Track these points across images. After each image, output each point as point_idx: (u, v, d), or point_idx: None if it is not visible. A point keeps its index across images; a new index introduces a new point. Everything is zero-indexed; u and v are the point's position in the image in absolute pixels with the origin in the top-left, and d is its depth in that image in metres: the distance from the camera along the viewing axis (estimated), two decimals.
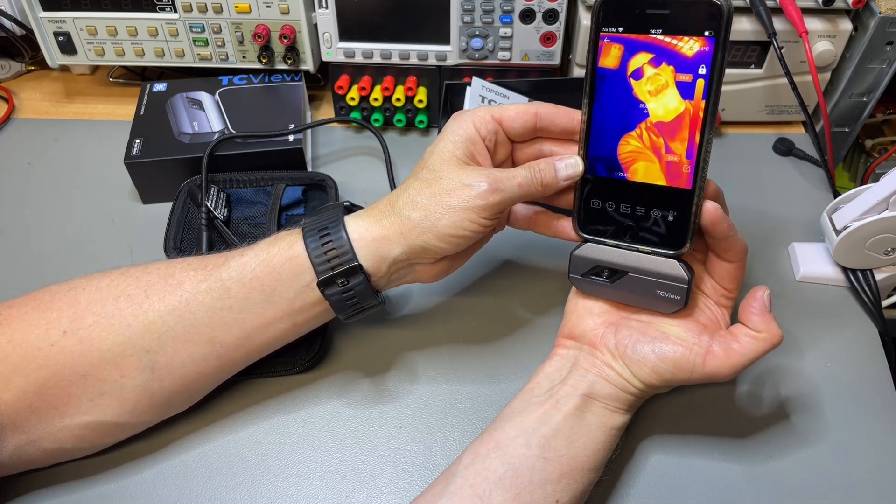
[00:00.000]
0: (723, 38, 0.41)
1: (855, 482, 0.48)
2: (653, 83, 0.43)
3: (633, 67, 0.43)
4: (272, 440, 0.51)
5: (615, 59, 0.44)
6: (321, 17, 0.68)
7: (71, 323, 0.45)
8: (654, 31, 0.42)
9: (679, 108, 0.43)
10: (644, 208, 0.45)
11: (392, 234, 0.45)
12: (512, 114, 0.47)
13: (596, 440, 0.44)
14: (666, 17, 0.42)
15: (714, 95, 0.42)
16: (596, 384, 0.45)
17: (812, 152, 0.71)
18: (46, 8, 0.69)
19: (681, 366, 0.45)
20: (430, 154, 0.47)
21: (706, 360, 0.44)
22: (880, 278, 0.58)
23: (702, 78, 0.42)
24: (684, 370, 0.45)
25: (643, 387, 0.46)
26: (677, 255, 0.45)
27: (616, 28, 0.43)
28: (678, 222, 0.45)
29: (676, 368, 0.45)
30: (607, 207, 0.46)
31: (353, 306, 0.47)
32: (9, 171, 0.71)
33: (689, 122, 0.43)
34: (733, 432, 0.51)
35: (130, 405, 0.46)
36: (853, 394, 0.53)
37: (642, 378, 0.45)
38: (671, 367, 0.45)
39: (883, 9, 0.64)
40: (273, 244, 0.46)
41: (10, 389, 0.43)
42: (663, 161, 0.44)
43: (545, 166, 0.46)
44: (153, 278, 0.46)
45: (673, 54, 0.42)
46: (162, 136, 0.66)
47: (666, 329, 0.46)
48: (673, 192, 0.44)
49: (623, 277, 0.47)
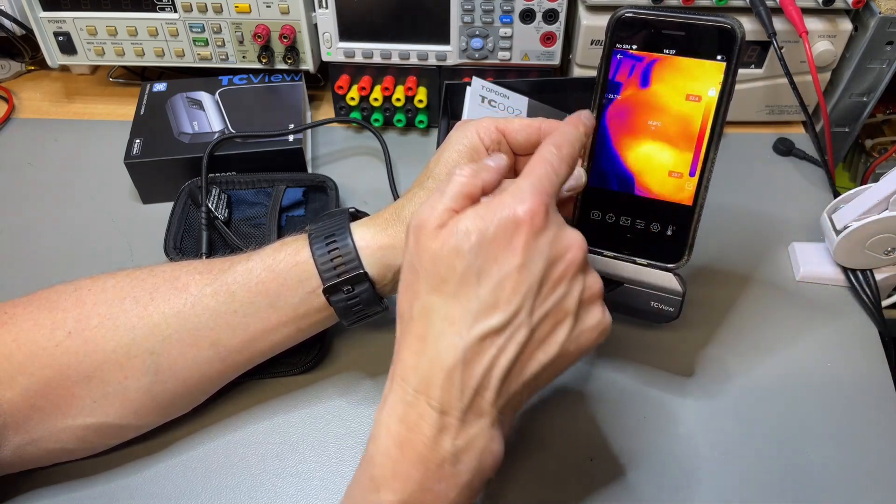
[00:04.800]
0: (735, 62, 0.41)
1: (855, 482, 0.48)
2: (662, 101, 0.44)
3: (643, 85, 0.44)
4: (272, 440, 0.51)
5: (626, 75, 0.44)
6: (321, 17, 0.68)
7: (76, 323, 0.45)
8: (667, 51, 0.43)
9: (686, 127, 0.43)
10: (643, 222, 0.46)
11: (398, 243, 0.45)
12: (516, 126, 0.47)
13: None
14: (680, 38, 0.42)
15: (722, 117, 0.43)
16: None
17: (812, 152, 0.71)
18: (46, 8, 0.69)
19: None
20: (435, 163, 0.47)
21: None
22: (880, 278, 0.58)
23: (711, 99, 0.43)
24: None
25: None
26: (673, 269, 0.46)
27: (630, 45, 0.43)
28: (676, 237, 0.45)
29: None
30: (607, 219, 0.47)
31: (357, 313, 0.47)
32: (9, 171, 0.71)
33: (696, 141, 0.44)
34: (733, 432, 0.51)
35: (133, 407, 0.46)
36: (853, 394, 0.53)
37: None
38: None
39: (883, 9, 0.64)
40: (279, 249, 0.46)
41: (14, 388, 0.43)
42: (666, 177, 0.45)
43: None
44: (158, 281, 0.46)
45: (684, 75, 0.43)
46: (162, 136, 0.66)
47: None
48: (674, 207, 0.45)
49: (618, 288, 0.47)
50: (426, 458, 0.36)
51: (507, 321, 0.36)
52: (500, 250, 0.36)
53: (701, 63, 0.42)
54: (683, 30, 0.42)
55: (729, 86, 0.42)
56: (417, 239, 0.37)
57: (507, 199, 0.36)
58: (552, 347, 0.37)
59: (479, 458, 0.37)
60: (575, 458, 0.50)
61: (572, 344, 0.38)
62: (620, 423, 0.51)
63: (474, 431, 0.36)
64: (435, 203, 0.37)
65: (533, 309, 0.36)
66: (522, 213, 0.36)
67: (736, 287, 0.60)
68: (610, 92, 0.45)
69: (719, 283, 0.60)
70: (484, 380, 0.36)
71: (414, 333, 0.37)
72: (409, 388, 0.36)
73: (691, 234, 0.45)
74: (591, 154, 0.46)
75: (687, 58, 0.42)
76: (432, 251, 0.36)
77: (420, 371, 0.36)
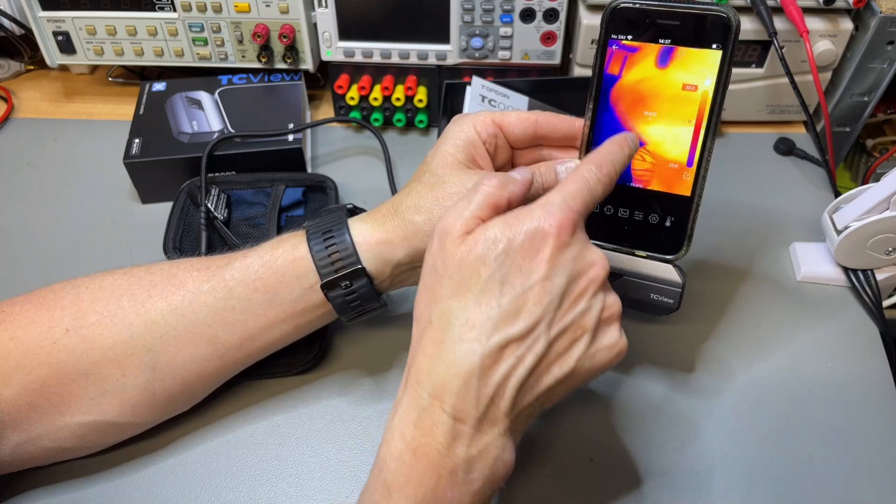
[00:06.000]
0: (730, 51, 0.41)
1: (855, 481, 0.48)
2: (658, 91, 0.43)
3: (639, 75, 0.44)
4: (272, 440, 0.51)
5: (622, 66, 0.44)
6: (321, 17, 0.68)
7: (74, 321, 0.45)
8: (662, 41, 0.43)
9: (683, 117, 0.43)
10: (642, 213, 0.46)
11: (396, 238, 0.45)
12: (513, 119, 0.47)
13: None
14: (676, 28, 0.42)
15: (718, 106, 0.43)
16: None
17: (813, 152, 0.71)
18: (45, 7, 0.69)
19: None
20: (432, 157, 0.47)
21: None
22: (881, 278, 0.58)
23: (707, 88, 0.42)
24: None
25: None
26: (672, 260, 0.46)
27: (625, 36, 0.43)
28: (675, 228, 0.45)
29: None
30: (605, 211, 0.47)
31: (355, 308, 0.47)
32: (8, 171, 0.71)
33: (693, 131, 0.43)
34: (734, 431, 0.51)
35: (131, 405, 0.46)
36: (853, 394, 0.53)
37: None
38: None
39: (884, 8, 0.64)
40: (277, 246, 0.46)
41: (12, 387, 0.43)
42: (664, 168, 0.44)
43: (546, 170, 0.46)
44: (156, 278, 0.46)
45: (680, 64, 0.43)
46: (161, 136, 0.66)
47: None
48: (672, 198, 0.45)
49: (618, 280, 0.47)
50: (439, 464, 0.36)
51: (527, 331, 0.36)
52: (526, 261, 0.36)
53: (697, 52, 0.42)
54: (678, 19, 0.42)
55: (725, 75, 0.42)
56: (443, 243, 0.37)
57: (536, 212, 0.37)
58: (568, 362, 0.37)
59: (492, 466, 0.36)
60: (575, 458, 0.50)
61: (587, 361, 0.38)
62: (621, 423, 0.51)
63: (487, 440, 0.36)
64: (462, 210, 0.38)
65: (553, 322, 0.36)
66: (550, 227, 0.36)
67: (737, 286, 0.59)
68: (606, 82, 0.44)
69: (720, 282, 0.60)
70: (500, 389, 0.36)
71: (431, 338, 0.37)
72: (423, 392, 0.36)
73: (690, 225, 0.45)
74: (588, 146, 0.46)
75: (682, 47, 0.42)
76: (458, 257, 0.36)
77: (435, 376, 0.36)
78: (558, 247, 0.36)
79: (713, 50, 0.42)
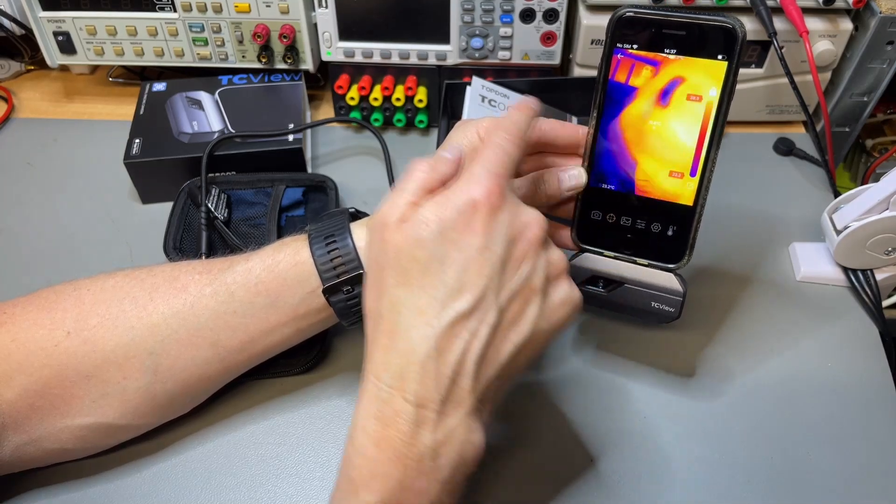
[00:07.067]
0: (736, 61, 0.41)
1: (855, 482, 0.48)
2: (663, 101, 0.43)
3: (644, 84, 0.44)
4: (272, 440, 0.51)
5: (627, 74, 0.44)
6: (321, 17, 0.68)
7: (75, 323, 0.45)
8: (668, 51, 0.43)
9: (687, 127, 0.43)
10: (644, 222, 0.46)
11: None
12: None
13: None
14: (681, 38, 0.42)
15: (723, 117, 0.43)
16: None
17: (812, 152, 0.71)
18: (46, 7, 0.69)
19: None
20: None
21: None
22: (881, 278, 0.58)
23: (712, 99, 0.42)
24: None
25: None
26: (674, 269, 0.46)
27: (630, 45, 0.43)
28: (677, 237, 0.45)
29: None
30: (608, 219, 0.47)
31: (357, 313, 0.47)
32: (8, 171, 0.71)
33: (697, 141, 0.43)
34: (734, 432, 0.51)
35: (132, 407, 0.46)
36: (853, 394, 0.53)
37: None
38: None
39: (883, 8, 0.64)
40: (279, 250, 0.46)
41: (13, 388, 0.43)
42: (667, 177, 0.44)
43: (549, 177, 0.47)
44: (158, 281, 0.46)
45: (685, 74, 0.43)
46: (161, 136, 0.66)
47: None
48: (675, 207, 0.45)
49: (619, 288, 0.47)
50: (404, 454, 0.35)
51: (475, 303, 0.36)
52: (461, 234, 0.36)
53: (702, 63, 0.42)
54: (684, 29, 0.42)
55: (730, 86, 0.42)
56: (381, 235, 0.37)
57: (462, 185, 0.37)
58: (524, 326, 0.37)
59: (460, 450, 0.36)
60: (576, 459, 0.50)
61: (544, 321, 0.38)
62: (621, 424, 0.51)
63: (453, 423, 0.36)
64: (396, 199, 0.38)
65: (500, 289, 0.36)
66: (478, 195, 0.36)
67: (736, 287, 0.59)
68: (610, 91, 0.45)
69: (719, 282, 0.60)
70: (459, 367, 0.36)
71: (383, 330, 0.37)
72: (382, 385, 0.36)
73: (692, 235, 0.45)
74: (591, 154, 0.46)
75: (688, 57, 0.42)
76: (396, 245, 0.37)
77: (393, 366, 0.36)
78: (490, 213, 0.36)
79: (719, 60, 0.42)
